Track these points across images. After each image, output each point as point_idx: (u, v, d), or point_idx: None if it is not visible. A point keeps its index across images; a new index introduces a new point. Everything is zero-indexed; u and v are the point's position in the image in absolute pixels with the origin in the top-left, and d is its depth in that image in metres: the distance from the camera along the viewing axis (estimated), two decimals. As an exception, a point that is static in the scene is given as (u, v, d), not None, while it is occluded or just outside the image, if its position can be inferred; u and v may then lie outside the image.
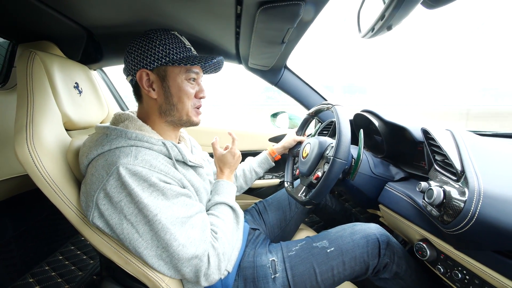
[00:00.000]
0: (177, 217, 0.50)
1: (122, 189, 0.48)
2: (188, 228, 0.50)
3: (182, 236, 0.49)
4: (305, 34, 0.70)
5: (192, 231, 0.51)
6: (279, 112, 1.35)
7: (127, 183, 0.47)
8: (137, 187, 0.47)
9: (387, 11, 0.35)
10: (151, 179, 0.49)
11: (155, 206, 0.48)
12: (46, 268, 1.09)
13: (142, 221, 0.48)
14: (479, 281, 0.50)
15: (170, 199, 0.50)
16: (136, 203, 0.47)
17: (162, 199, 0.49)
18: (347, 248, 0.66)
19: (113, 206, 0.48)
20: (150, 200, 0.48)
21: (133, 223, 0.48)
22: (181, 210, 0.51)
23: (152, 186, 0.49)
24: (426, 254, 0.61)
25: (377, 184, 0.78)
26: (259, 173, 0.96)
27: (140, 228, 0.48)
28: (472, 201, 0.43)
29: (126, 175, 0.47)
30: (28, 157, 0.50)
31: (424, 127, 0.64)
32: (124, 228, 0.49)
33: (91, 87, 0.81)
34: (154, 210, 0.48)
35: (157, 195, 0.49)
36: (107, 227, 0.51)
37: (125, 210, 0.48)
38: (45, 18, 0.66)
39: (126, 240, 0.50)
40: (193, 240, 0.50)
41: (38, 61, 0.60)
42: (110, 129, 0.54)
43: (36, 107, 0.55)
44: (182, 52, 0.58)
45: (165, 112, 0.60)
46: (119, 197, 0.48)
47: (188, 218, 0.51)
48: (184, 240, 0.49)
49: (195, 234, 0.51)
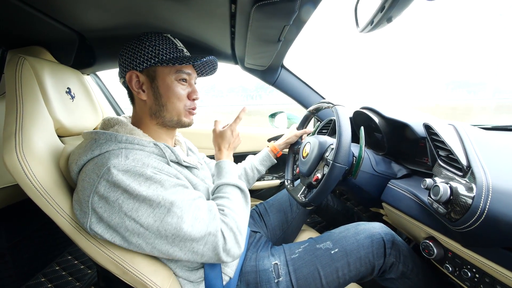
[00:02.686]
0: (182, 200, 0.49)
1: (116, 188, 0.46)
2: (194, 210, 0.50)
3: (189, 218, 0.48)
4: (302, 32, 0.69)
5: (198, 212, 0.50)
6: (278, 112, 1.34)
7: (120, 181, 0.45)
8: (133, 183, 0.46)
9: (387, 2, 0.34)
10: (146, 173, 0.47)
11: (156, 195, 0.47)
12: (43, 280, 1.06)
13: (144, 214, 0.46)
14: (489, 280, 0.49)
15: (169, 189, 0.49)
16: (135, 197, 0.46)
17: (161, 190, 0.48)
18: (352, 248, 0.65)
19: (111, 206, 0.46)
20: (150, 192, 0.46)
21: (135, 218, 0.46)
22: (183, 195, 0.50)
23: (149, 180, 0.47)
24: (433, 253, 0.59)
25: (379, 182, 0.77)
26: (261, 171, 0.94)
27: (144, 221, 0.46)
28: (481, 197, 0.41)
29: (118, 174, 0.46)
30: (17, 165, 0.48)
31: (426, 122, 0.63)
32: (128, 226, 0.47)
33: (84, 92, 0.79)
34: (156, 199, 0.46)
35: (155, 187, 0.47)
36: (109, 231, 0.48)
37: (124, 208, 0.46)
38: (35, 23, 0.65)
39: (134, 238, 0.47)
40: (202, 219, 0.50)
41: (27, 67, 0.58)
42: (99, 134, 0.52)
43: (25, 113, 0.53)
44: (172, 52, 0.57)
45: (155, 114, 0.58)
46: (115, 195, 0.46)
47: (192, 201, 0.50)
48: (193, 221, 0.48)
49: (202, 215, 0.50)
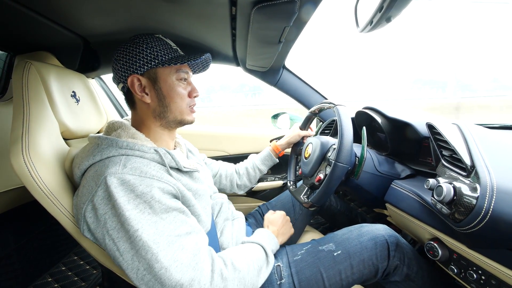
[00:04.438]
0: (162, 235, 0.44)
1: (108, 201, 0.45)
2: (176, 249, 0.44)
3: (166, 257, 0.43)
4: (303, 33, 0.69)
5: (180, 253, 0.44)
6: (280, 113, 1.34)
7: (113, 193, 0.44)
8: (122, 198, 0.44)
9: (385, 2, 0.34)
10: (138, 189, 0.45)
11: (137, 220, 0.43)
12: (49, 280, 1.08)
13: (123, 238, 0.44)
14: (496, 282, 0.48)
15: (157, 214, 0.45)
16: (118, 216, 0.44)
17: (148, 213, 0.45)
18: (355, 251, 0.64)
19: (98, 219, 0.46)
20: (133, 213, 0.44)
21: (114, 239, 0.44)
22: (168, 228, 0.45)
23: (138, 198, 0.45)
24: (438, 254, 0.58)
25: (382, 183, 0.76)
26: (263, 171, 0.94)
27: (121, 245, 0.44)
28: (485, 197, 0.41)
29: (113, 184, 0.45)
30: (24, 167, 0.49)
31: (429, 121, 0.62)
32: (107, 244, 0.45)
33: (89, 95, 0.80)
34: (136, 224, 0.43)
35: (143, 207, 0.44)
36: (96, 242, 0.49)
37: (108, 224, 0.45)
38: (42, 28, 0.67)
39: (112, 258, 0.46)
40: (180, 264, 0.44)
41: (33, 72, 0.60)
42: (101, 139, 0.53)
43: (32, 117, 0.55)
44: (169, 53, 0.58)
45: (160, 115, 0.59)
46: (104, 209, 0.45)
47: (177, 238, 0.45)
48: (168, 263, 0.43)
49: (183, 257, 0.44)
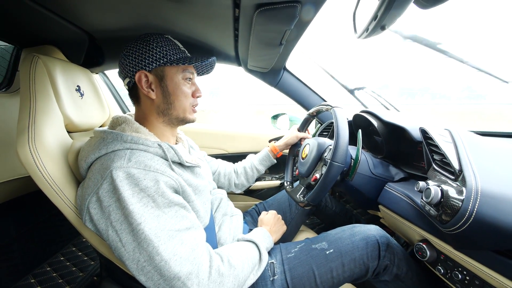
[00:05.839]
0: (163, 229, 0.46)
1: (113, 194, 0.47)
2: (175, 243, 0.46)
3: (166, 251, 0.45)
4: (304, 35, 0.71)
5: (180, 247, 0.47)
6: (280, 114, 1.35)
7: (118, 187, 0.46)
8: (127, 191, 0.46)
9: (379, 11, 0.36)
10: (143, 183, 0.47)
11: (140, 214, 0.45)
12: (48, 269, 1.10)
13: (126, 230, 0.46)
14: (479, 282, 0.49)
15: (160, 208, 0.47)
16: (123, 208, 0.46)
17: (151, 206, 0.47)
18: (346, 250, 0.66)
19: (102, 211, 0.47)
20: (136, 207, 0.45)
21: (117, 231, 0.46)
22: (169, 222, 0.47)
23: (143, 191, 0.47)
24: (426, 255, 0.60)
25: (376, 185, 0.78)
26: (261, 171, 0.96)
27: (123, 237, 0.46)
28: (470, 199, 0.43)
29: (118, 178, 0.46)
30: (30, 158, 0.51)
31: (422, 126, 0.64)
32: (110, 235, 0.47)
33: (93, 90, 0.82)
34: (139, 218, 0.45)
35: (146, 201, 0.47)
36: (98, 232, 0.51)
37: (112, 216, 0.46)
38: (49, 23, 0.68)
39: (112, 248, 0.48)
40: (179, 257, 0.46)
41: (41, 65, 0.62)
42: (107, 133, 0.55)
43: (38, 109, 0.57)
44: (178, 53, 0.61)
45: (163, 112, 0.61)
46: (109, 201, 0.47)
47: (177, 232, 0.48)
48: (168, 256, 0.45)
49: (182, 252, 0.47)
